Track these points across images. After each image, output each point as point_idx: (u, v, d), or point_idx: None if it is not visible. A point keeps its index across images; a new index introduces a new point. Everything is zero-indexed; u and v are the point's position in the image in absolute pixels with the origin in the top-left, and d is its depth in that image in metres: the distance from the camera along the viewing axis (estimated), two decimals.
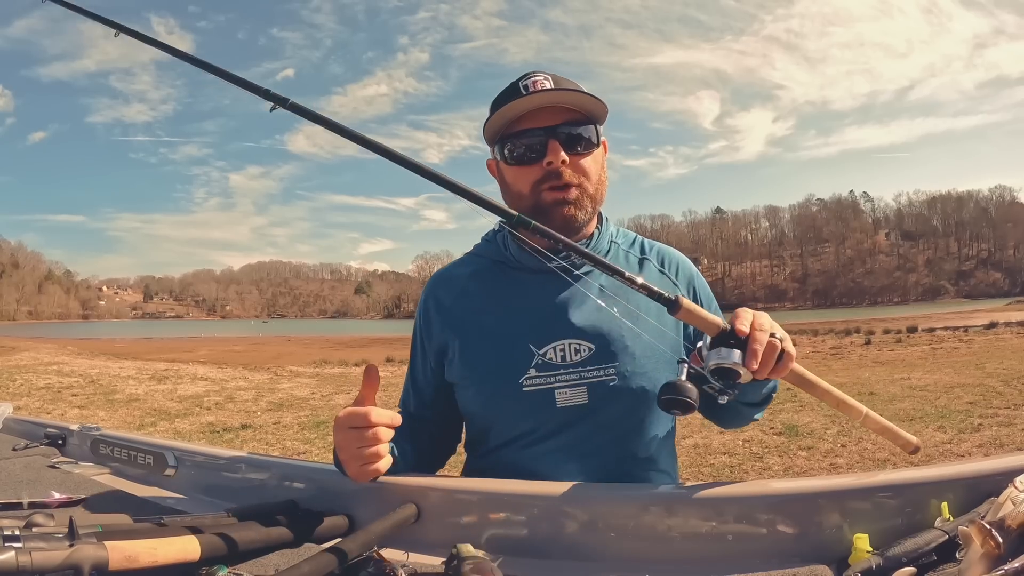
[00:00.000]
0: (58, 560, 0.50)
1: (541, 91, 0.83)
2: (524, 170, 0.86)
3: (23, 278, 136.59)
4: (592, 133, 0.87)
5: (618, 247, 0.95)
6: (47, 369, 13.25)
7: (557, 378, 0.84)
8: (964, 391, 6.69)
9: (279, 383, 10.72)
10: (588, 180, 0.87)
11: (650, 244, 0.98)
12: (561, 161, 0.84)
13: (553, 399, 0.84)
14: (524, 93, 0.83)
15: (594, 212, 0.90)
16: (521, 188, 0.87)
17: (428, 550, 0.74)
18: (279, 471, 0.95)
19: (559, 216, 0.85)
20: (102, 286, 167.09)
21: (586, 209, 0.87)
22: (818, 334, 18.07)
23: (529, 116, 0.85)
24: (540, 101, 0.83)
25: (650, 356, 0.86)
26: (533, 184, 0.86)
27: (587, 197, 0.87)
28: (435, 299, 0.95)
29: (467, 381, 0.91)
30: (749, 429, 5.51)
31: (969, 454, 4.39)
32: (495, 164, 0.92)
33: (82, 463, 1.19)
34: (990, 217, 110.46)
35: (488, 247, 0.97)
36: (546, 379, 0.84)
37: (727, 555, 0.69)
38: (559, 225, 0.83)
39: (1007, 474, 0.62)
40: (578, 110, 0.85)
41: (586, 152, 0.86)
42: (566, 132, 0.84)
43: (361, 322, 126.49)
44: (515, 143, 0.85)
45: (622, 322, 0.84)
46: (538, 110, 0.84)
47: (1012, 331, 15.30)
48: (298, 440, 5.96)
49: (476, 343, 0.89)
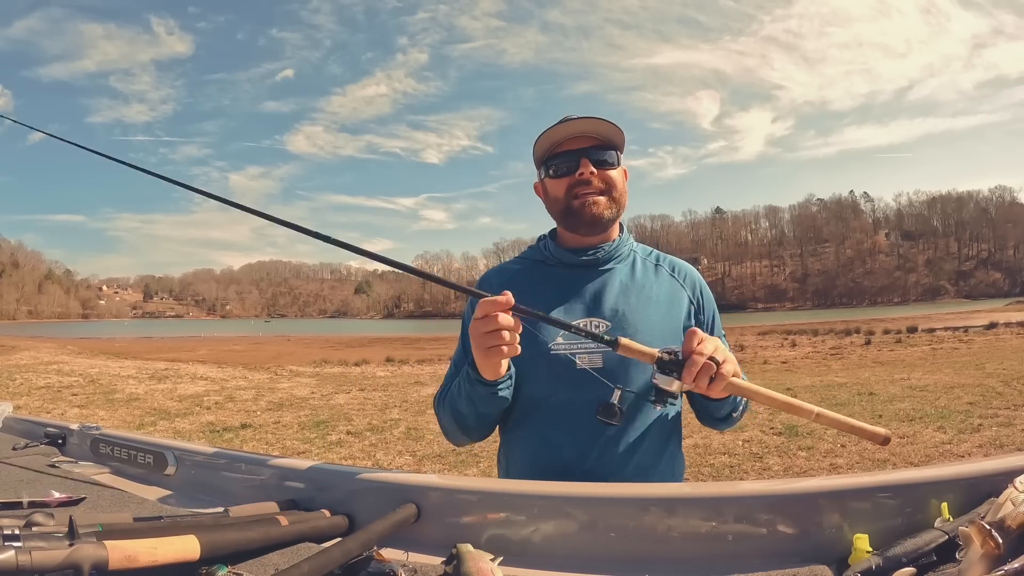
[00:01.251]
0: (58, 559, 0.50)
1: (573, 119, 1.05)
2: (561, 181, 1.08)
3: (23, 278, 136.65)
4: (614, 157, 1.08)
5: (636, 254, 1.15)
6: (47, 368, 13.25)
7: (579, 346, 1.02)
8: (964, 391, 6.69)
9: (279, 383, 10.72)
10: (613, 188, 1.07)
11: (665, 256, 1.18)
12: (590, 172, 1.05)
13: (574, 362, 1.01)
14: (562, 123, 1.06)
15: (618, 215, 1.10)
16: (558, 195, 1.08)
17: (428, 550, 0.74)
18: (279, 471, 0.95)
19: (588, 212, 1.05)
20: (102, 286, 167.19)
21: (611, 208, 1.07)
22: (818, 334, 18.08)
23: (565, 144, 1.07)
24: (572, 128, 1.06)
25: (656, 334, 1.04)
26: (567, 189, 1.07)
27: (612, 200, 1.07)
28: (487, 283, 1.15)
29: None
30: (749, 429, 5.52)
31: (969, 454, 4.40)
32: (540, 185, 1.13)
33: (82, 462, 1.19)
34: (990, 217, 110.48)
35: (532, 251, 1.18)
36: (569, 346, 1.02)
37: (727, 555, 0.69)
38: (588, 219, 1.05)
39: (1007, 474, 0.62)
40: (601, 139, 1.07)
41: (609, 168, 1.07)
42: (594, 152, 1.06)
43: (361, 322, 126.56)
44: (555, 163, 1.08)
45: (635, 306, 1.05)
46: (573, 139, 1.06)
47: (1012, 331, 15.31)
48: (298, 440, 5.96)
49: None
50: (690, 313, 1.10)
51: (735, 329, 22.85)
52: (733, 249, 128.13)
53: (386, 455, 5.27)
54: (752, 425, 5.68)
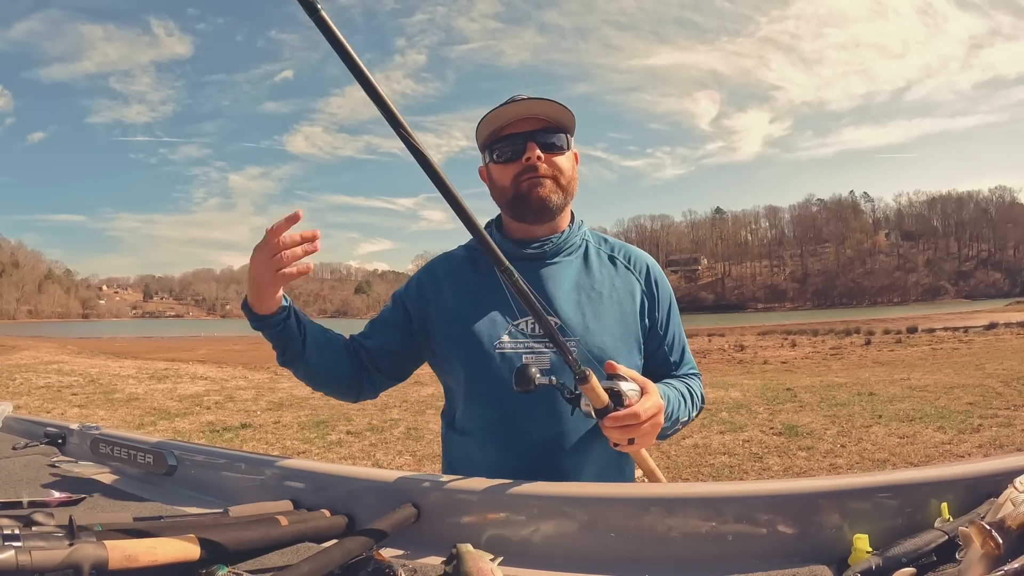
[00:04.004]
0: (58, 559, 0.50)
1: (519, 100, 0.99)
2: (507, 167, 1.01)
3: (23, 277, 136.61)
4: (563, 141, 1.02)
5: (589, 244, 1.08)
6: (47, 368, 13.25)
7: (526, 345, 0.98)
8: (964, 392, 6.69)
9: (279, 382, 10.71)
10: (561, 174, 1.01)
11: (619, 245, 1.11)
12: (537, 157, 0.98)
13: (521, 362, 0.96)
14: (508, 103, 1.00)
15: (566, 202, 1.04)
16: (504, 182, 1.02)
17: (428, 550, 0.74)
18: (279, 471, 0.95)
19: (535, 198, 0.99)
20: (102, 285, 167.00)
21: (559, 195, 1.01)
22: (818, 334, 18.07)
23: (511, 126, 1.00)
24: (519, 110, 0.99)
25: (608, 334, 1.00)
26: (514, 176, 1.00)
27: (560, 186, 1.01)
28: (430, 272, 1.10)
29: (452, 345, 1.04)
30: (749, 429, 5.52)
31: (969, 455, 4.39)
32: (485, 169, 1.07)
33: (82, 462, 1.19)
34: (990, 217, 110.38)
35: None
36: (515, 345, 0.98)
37: (727, 555, 0.69)
38: (536, 207, 0.99)
39: (1007, 475, 0.62)
40: (550, 121, 1.00)
41: (558, 152, 1.01)
42: (542, 136, 0.99)
43: (361, 322, 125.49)
44: (500, 147, 1.01)
45: (588, 302, 1.00)
46: (519, 121, 0.99)
47: (1012, 331, 15.31)
48: (298, 439, 5.96)
49: (462, 314, 1.03)
50: (643, 308, 1.05)
51: (735, 329, 22.84)
52: (733, 249, 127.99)
53: (386, 455, 5.27)
54: (752, 425, 5.68)
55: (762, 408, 6.51)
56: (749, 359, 13.01)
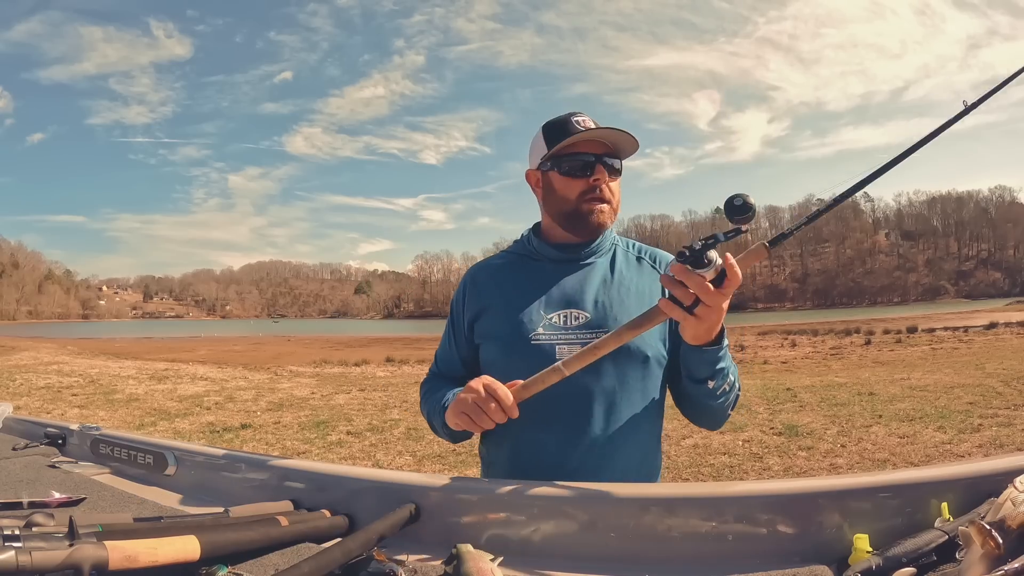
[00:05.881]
0: (58, 560, 0.50)
1: (599, 128, 1.05)
2: (574, 182, 1.07)
3: (23, 278, 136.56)
4: (621, 166, 1.10)
5: (618, 247, 1.17)
6: (47, 369, 13.25)
7: (560, 337, 1.04)
8: (964, 391, 6.69)
9: (279, 383, 10.71)
10: (615, 199, 1.10)
11: (646, 248, 1.20)
12: (605, 182, 1.07)
13: (555, 353, 1.02)
14: (580, 128, 1.06)
15: (614, 220, 1.13)
16: (568, 195, 1.08)
17: (428, 550, 0.74)
18: (279, 471, 0.96)
19: (595, 221, 1.08)
20: (102, 286, 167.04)
21: (611, 219, 1.11)
22: (818, 334, 18.08)
23: (581, 144, 1.06)
24: (599, 135, 1.05)
25: None
26: (579, 193, 1.07)
27: (613, 211, 1.10)
28: (472, 278, 1.17)
29: (490, 336, 1.11)
30: (749, 429, 5.51)
31: (969, 454, 4.39)
32: (538, 175, 1.13)
33: (82, 463, 1.19)
34: (990, 217, 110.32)
35: (518, 245, 1.19)
36: (550, 337, 1.04)
37: (727, 555, 0.69)
38: (592, 227, 1.08)
39: (1007, 474, 0.62)
40: (615, 147, 1.08)
41: (616, 178, 1.10)
42: (610, 160, 1.07)
43: (361, 322, 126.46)
44: (570, 161, 1.06)
45: (616, 299, 1.07)
46: (587, 141, 1.06)
47: (1012, 331, 15.31)
48: (298, 440, 5.96)
49: (501, 308, 1.11)
50: None
51: (735, 329, 22.84)
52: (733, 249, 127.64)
53: (386, 455, 5.27)
54: (752, 425, 5.68)
55: (762, 408, 6.51)
56: (749, 359, 13.01)
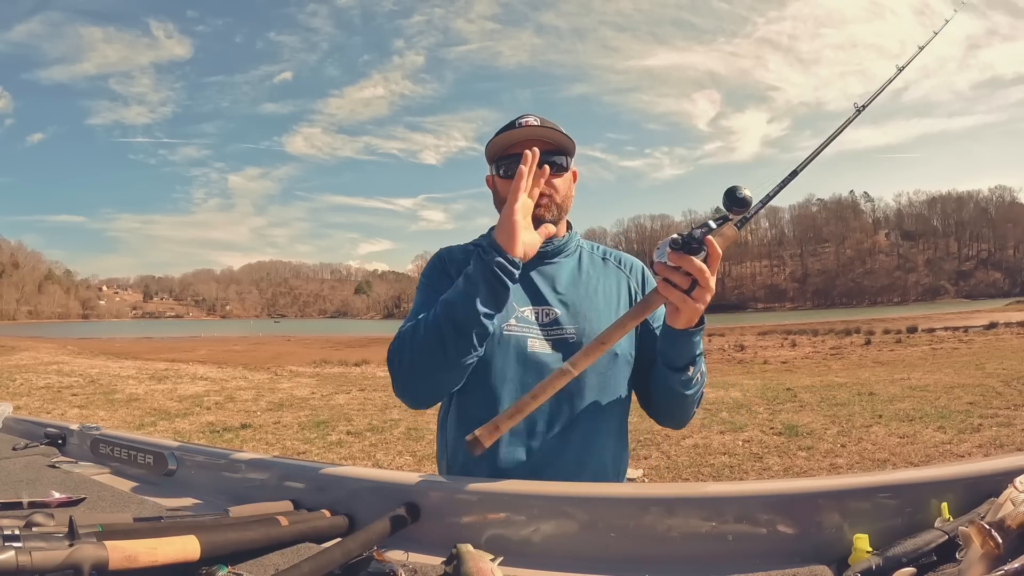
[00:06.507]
0: (58, 560, 0.50)
1: (528, 126, 1.11)
2: (511, 182, 1.09)
3: (23, 278, 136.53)
4: (563, 161, 1.14)
5: (583, 249, 1.21)
6: (47, 369, 13.25)
7: (531, 331, 1.07)
8: (964, 391, 6.69)
9: (279, 383, 10.71)
10: (556, 193, 1.12)
11: (611, 251, 1.24)
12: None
13: (526, 346, 1.06)
14: (517, 128, 1.12)
15: (559, 217, 1.15)
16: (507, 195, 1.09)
17: (428, 550, 0.74)
18: (279, 471, 0.96)
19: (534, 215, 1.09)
20: (102, 286, 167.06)
21: (552, 212, 1.12)
22: (818, 334, 18.08)
23: (519, 145, 1.10)
24: (528, 134, 1.11)
25: (603, 322, 1.06)
26: None
27: (554, 204, 1.12)
28: (449, 255, 1.18)
29: None
30: (749, 429, 5.51)
31: (969, 454, 4.39)
32: (492, 179, 1.18)
33: (82, 463, 1.19)
34: (990, 217, 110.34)
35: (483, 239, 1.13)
36: (521, 329, 1.07)
37: (727, 555, 0.69)
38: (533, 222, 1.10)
39: (1007, 474, 0.62)
40: (554, 144, 1.12)
41: (557, 174, 1.12)
42: (551, 158, 1.10)
43: (361, 322, 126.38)
44: (508, 163, 1.12)
45: (583, 297, 1.11)
46: (526, 140, 1.10)
47: (1012, 331, 15.31)
48: (298, 440, 5.96)
49: None
50: (632, 300, 1.15)
51: (735, 329, 22.82)
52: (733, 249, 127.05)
53: (386, 455, 5.27)
54: (752, 425, 5.68)
55: (762, 408, 6.51)
56: (749, 359, 13.01)
